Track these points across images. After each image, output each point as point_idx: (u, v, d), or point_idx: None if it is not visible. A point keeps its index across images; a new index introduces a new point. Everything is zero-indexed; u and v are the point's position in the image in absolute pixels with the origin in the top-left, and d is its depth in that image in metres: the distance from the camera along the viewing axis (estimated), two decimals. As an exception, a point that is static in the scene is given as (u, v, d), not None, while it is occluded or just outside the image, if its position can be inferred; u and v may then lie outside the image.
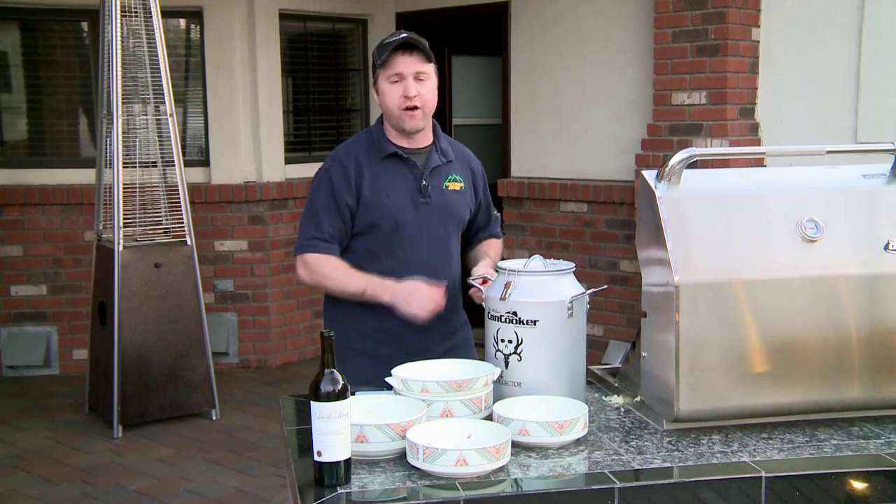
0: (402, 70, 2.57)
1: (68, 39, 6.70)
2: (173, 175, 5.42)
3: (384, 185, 2.62)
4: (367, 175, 2.62)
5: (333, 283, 2.64)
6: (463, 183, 2.73)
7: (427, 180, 2.65)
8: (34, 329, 6.42)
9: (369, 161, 2.64)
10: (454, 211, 2.71)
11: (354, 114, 7.35)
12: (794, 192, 2.23)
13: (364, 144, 2.69)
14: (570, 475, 1.91)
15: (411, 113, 2.59)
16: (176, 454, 4.95)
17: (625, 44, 5.94)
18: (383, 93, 2.62)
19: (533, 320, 2.20)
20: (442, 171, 2.69)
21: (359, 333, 2.66)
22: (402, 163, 2.65)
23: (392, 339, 2.62)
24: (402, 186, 2.63)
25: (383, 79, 2.61)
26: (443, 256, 2.69)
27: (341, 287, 2.62)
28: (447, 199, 2.69)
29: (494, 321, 2.26)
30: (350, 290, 2.60)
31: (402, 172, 2.65)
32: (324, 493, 1.80)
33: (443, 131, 2.77)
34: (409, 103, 2.58)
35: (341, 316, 2.70)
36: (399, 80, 2.58)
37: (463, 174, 2.75)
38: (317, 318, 6.81)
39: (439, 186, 2.68)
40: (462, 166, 2.76)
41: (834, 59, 5.13)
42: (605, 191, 5.96)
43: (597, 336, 5.99)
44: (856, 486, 1.95)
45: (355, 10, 7.10)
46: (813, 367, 2.15)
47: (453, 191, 2.70)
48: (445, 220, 2.68)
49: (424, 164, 2.67)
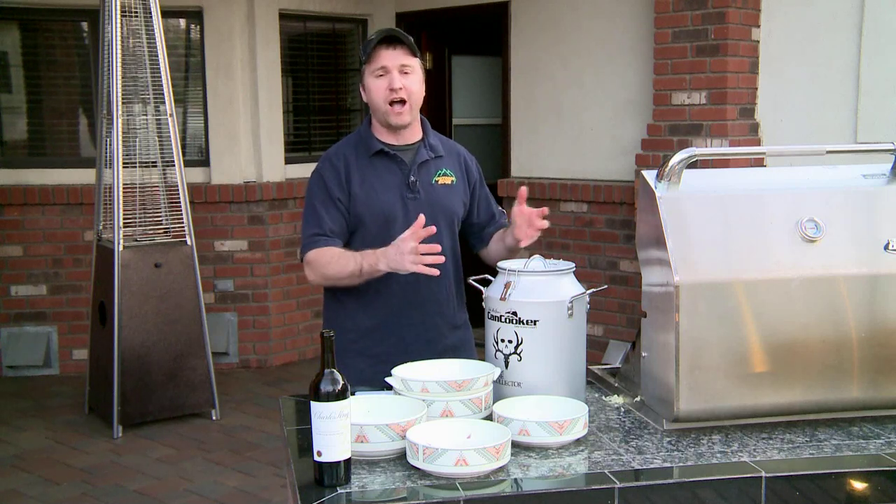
0: (386, 63, 2.57)
1: (68, 39, 6.70)
2: (173, 175, 5.42)
3: (372, 183, 2.62)
4: (355, 173, 2.63)
5: (332, 270, 2.58)
6: (454, 177, 2.72)
7: (415, 175, 2.64)
8: (34, 329, 6.42)
9: (357, 159, 2.65)
10: (445, 205, 2.69)
11: (354, 114, 7.35)
12: (794, 192, 2.23)
13: (352, 144, 2.70)
14: (570, 475, 1.91)
15: (399, 108, 2.59)
16: (176, 454, 4.95)
17: (625, 44, 5.94)
18: (369, 88, 2.62)
19: (533, 320, 2.20)
20: (431, 166, 2.69)
21: (355, 334, 2.66)
22: (389, 159, 2.65)
23: (389, 338, 2.62)
24: (389, 183, 2.63)
25: (368, 74, 2.61)
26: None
27: (340, 272, 2.56)
28: (437, 193, 2.67)
29: (494, 321, 2.26)
30: (349, 271, 2.54)
31: (389, 169, 2.65)
32: (324, 493, 1.80)
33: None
34: (394, 96, 2.57)
35: (338, 316, 2.71)
36: (384, 73, 2.58)
37: (454, 168, 2.73)
38: (317, 318, 6.81)
39: (428, 181, 2.67)
40: (453, 161, 2.75)
41: (834, 59, 5.13)
42: (605, 191, 5.97)
43: (597, 336, 5.99)
44: (856, 486, 1.95)
45: (355, 10, 7.10)
46: (813, 367, 2.15)
47: (444, 185, 2.69)
48: (436, 215, 2.65)
49: (412, 160, 2.66)
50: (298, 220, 6.67)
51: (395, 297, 2.62)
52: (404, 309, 2.63)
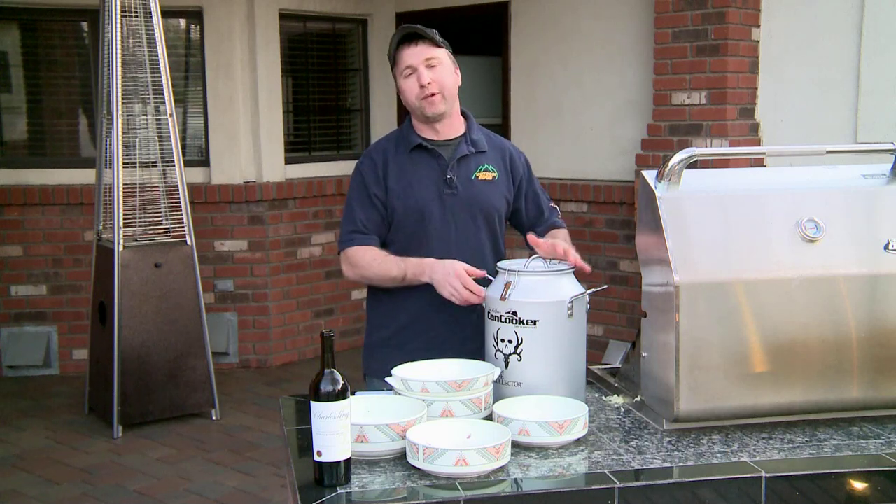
0: (411, 62, 2.57)
1: (68, 39, 6.69)
2: (173, 175, 5.42)
3: (409, 177, 2.61)
4: (392, 168, 2.62)
5: (373, 272, 2.60)
6: (496, 172, 2.67)
7: (453, 171, 2.61)
8: (34, 329, 6.42)
9: (396, 154, 2.64)
10: (484, 202, 2.65)
11: (354, 114, 7.35)
12: (794, 192, 2.23)
13: (393, 140, 2.70)
14: (570, 475, 1.91)
15: (430, 99, 2.57)
16: (176, 454, 4.95)
17: (625, 44, 5.94)
18: (402, 90, 2.62)
19: (533, 320, 2.20)
20: (471, 162, 2.65)
21: (389, 330, 2.67)
22: (428, 154, 2.63)
23: (423, 334, 2.62)
24: (426, 178, 2.61)
25: (399, 76, 2.61)
26: (472, 249, 2.63)
27: (382, 275, 2.58)
28: (476, 189, 2.64)
29: (494, 321, 2.26)
30: (391, 275, 2.56)
31: (427, 164, 2.63)
32: (324, 493, 1.80)
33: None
34: (426, 92, 2.56)
35: (375, 314, 2.72)
36: (412, 72, 2.57)
37: (497, 164, 2.69)
38: (317, 319, 6.81)
39: (467, 177, 2.63)
40: (496, 156, 2.70)
41: (834, 59, 5.13)
42: (605, 191, 5.97)
43: (597, 336, 5.99)
44: (856, 486, 1.95)
45: (355, 10, 7.10)
46: (813, 367, 2.15)
47: (484, 181, 2.65)
48: (474, 211, 2.63)
49: (451, 155, 2.63)
50: (298, 220, 6.75)
51: (431, 294, 2.56)
52: (439, 306, 2.57)
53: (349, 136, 7.33)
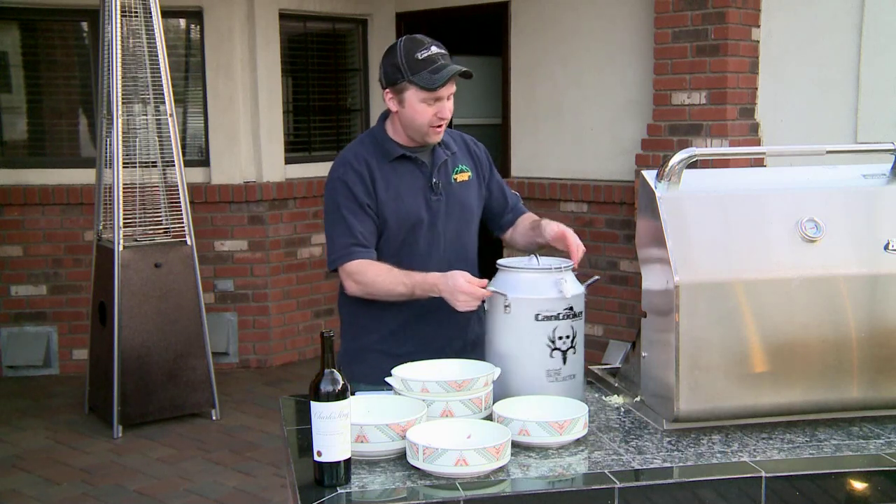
0: (443, 94, 2.52)
1: (68, 39, 6.69)
2: (173, 175, 5.42)
3: (397, 187, 2.60)
4: (379, 178, 2.59)
5: (378, 287, 2.54)
6: (469, 171, 2.72)
7: (437, 177, 2.63)
8: (34, 329, 6.42)
9: (379, 164, 2.61)
10: (465, 203, 2.69)
11: (354, 114, 7.35)
12: (793, 192, 2.23)
13: (370, 147, 2.64)
14: (570, 475, 1.91)
15: (438, 129, 2.57)
16: (176, 454, 4.95)
17: (625, 44, 5.94)
18: (414, 109, 2.53)
19: (581, 312, 2.28)
20: (448, 165, 2.67)
21: (379, 335, 2.65)
22: (410, 163, 2.62)
23: (411, 338, 2.61)
24: (413, 186, 2.61)
25: (418, 96, 2.51)
26: (458, 250, 2.68)
27: (388, 290, 2.52)
28: (458, 192, 2.67)
29: (549, 321, 2.22)
30: (398, 292, 2.51)
31: (411, 172, 2.62)
32: (324, 493, 1.80)
33: None
34: (438, 122, 2.55)
35: (360, 318, 2.68)
36: (436, 101, 2.52)
37: (467, 162, 2.73)
38: (317, 319, 6.81)
39: (448, 181, 2.66)
40: (464, 154, 2.74)
41: (834, 59, 5.13)
42: (605, 191, 5.96)
43: (597, 336, 5.99)
44: (856, 486, 1.95)
45: (355, 10, 7.10)
46: (813, 367, 2.15)
47: (462, 182, 2.69)
48: (458, 213, 2.67)
49: (432, 161, 2.64)
50: (298, 219, 6.74)
51: (420, 300, 2.55)
52: (427, 310, 2.57)
53: (349, 136, 7.33)
